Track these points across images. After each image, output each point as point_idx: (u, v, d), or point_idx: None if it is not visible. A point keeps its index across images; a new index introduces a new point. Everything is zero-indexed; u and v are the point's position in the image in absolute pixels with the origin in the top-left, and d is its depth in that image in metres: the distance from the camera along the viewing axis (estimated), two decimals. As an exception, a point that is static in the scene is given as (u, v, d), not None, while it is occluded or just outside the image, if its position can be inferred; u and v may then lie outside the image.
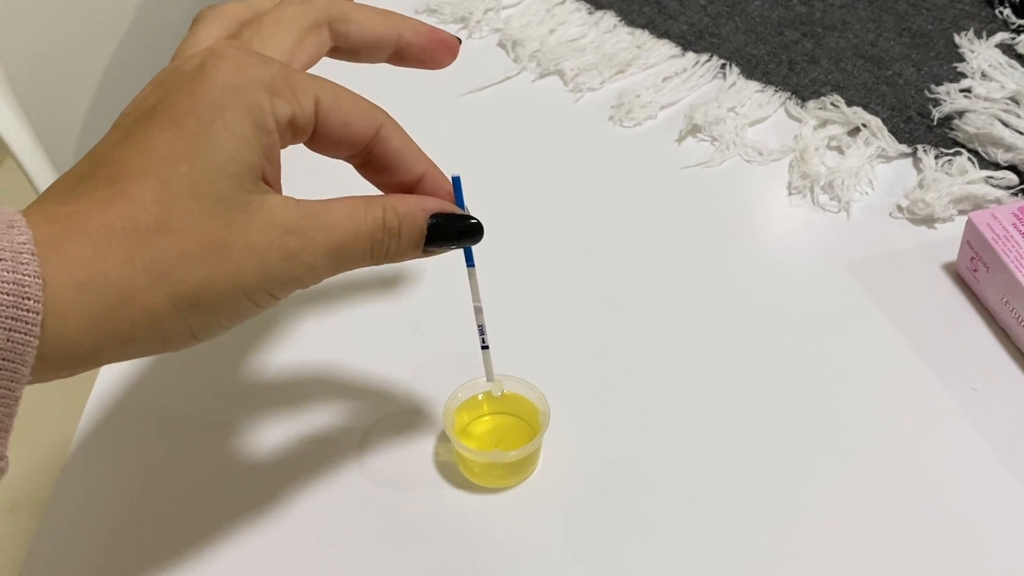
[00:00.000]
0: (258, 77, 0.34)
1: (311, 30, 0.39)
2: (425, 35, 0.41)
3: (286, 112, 0.35)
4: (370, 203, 0.37)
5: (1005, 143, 0.59)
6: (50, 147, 0.80)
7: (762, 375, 0.50)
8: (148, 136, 0.34)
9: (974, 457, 0.46)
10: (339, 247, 0.36)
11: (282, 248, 0.34)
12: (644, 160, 0.63)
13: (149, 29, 0.93)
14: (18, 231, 0.30)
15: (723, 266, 0.56)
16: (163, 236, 0.32)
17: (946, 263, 0.55)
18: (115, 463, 0.48)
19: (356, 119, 0.37)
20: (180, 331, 0.34)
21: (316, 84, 0.36)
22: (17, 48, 0.84)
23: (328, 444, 0.48)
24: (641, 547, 0.43)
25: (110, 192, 0.33)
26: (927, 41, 0.69)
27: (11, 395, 0.30)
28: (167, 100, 0.34)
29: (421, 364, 0.51)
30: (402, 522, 0.45)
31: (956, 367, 0.50)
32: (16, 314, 0.30)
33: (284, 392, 0.50)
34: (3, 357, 0.30)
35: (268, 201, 0.34)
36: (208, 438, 0.48)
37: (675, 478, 0.46)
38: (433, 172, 0.39)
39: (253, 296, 0.35)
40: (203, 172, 0.33)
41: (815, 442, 0.47)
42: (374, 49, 0.41)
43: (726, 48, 0.70)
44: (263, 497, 0.46)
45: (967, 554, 0.42)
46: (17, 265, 0.30)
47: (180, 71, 0.35)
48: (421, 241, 0.38)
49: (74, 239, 0.31)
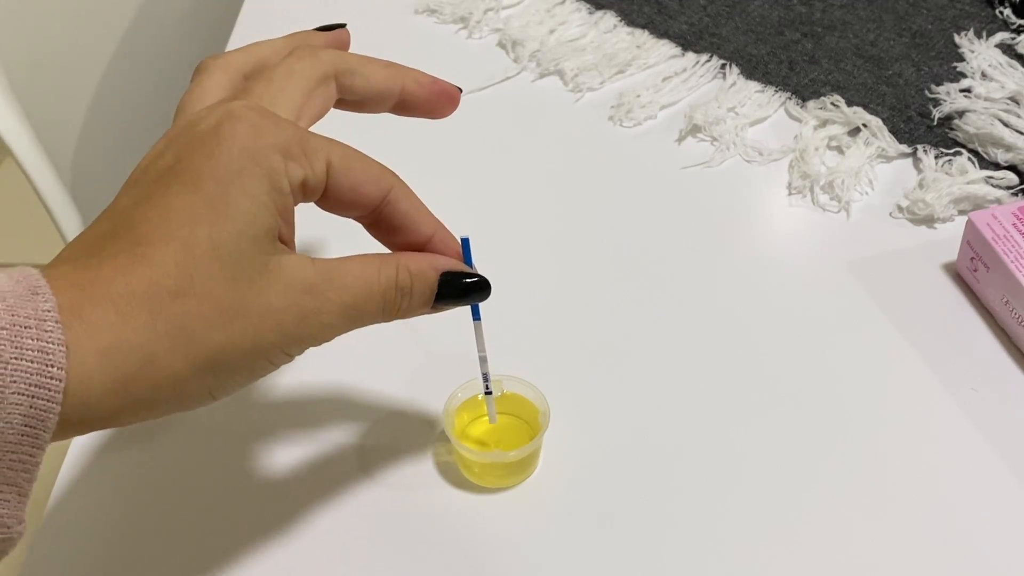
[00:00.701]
0: (274, 141, 0.35)
1: (319, 84, 0.39)
2: (427, 86, 0.42)
3: (299, 175, 0.35)
4: (384, 262, 0.37)
5: (1005, 143, 0.59)
6: (50, 147, 0.80)
7: (762, 375, 0.50)
8: (167, 198, 0.34)
9: (974, 457, 0.46)
10: (353, 306, 0.36)
11: (299, 308, 0.35)
12: (644, 160, 0.63)
13: (149, 29, 0.93)
14: (42, 298, 0.31)
15: (723, 266, 0.56)
16: (185, 301, 0.33)
17: (946, 263, 0.55)
18: (115, 463, 0.48)
19: (366, 182, 0.37)
20: (199, 392, 0.34)
21: (328, 147, 0.36)
22: (17, 48, 0.84)
23: (328, 444, 0.48)
24: (641, 547, 0.43)
25: (132, 257, 0.33)
26: (927, 41, 0.69)
27: (31, 460, 0.31)
28: (184, 161, 0.35)
29: (421, 364, 0.51)
30: (402, 522, 0.45)
31: (956, 367, 0.50)
32: (40, 381, 0.30)
33: (284, 392, 0.50)
34: (26, 423, 0.30)
35: (285, 262, 0.35)
36: (208, 438, 0.48)
37: (675, 478, 0.46)
38: (442, 233, 0.40)
39: (269, 356, 0.35)
40: (223, 235, 0.34)
41: (815, 442, 0.47)
42: (378, 100, 0.42)
43: (726, 48, 0.70)
44: (263, 497, 0.46)
45: (967, 554, 0.42)
46: (41, 333, 0.30)
47: (196, 131, 0.35)
48: (432, 298, 0.39)
49: (97, 305, 0.32)
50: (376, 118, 0.43)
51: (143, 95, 0.95)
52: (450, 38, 0.73)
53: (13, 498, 0.31)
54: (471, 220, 0.58)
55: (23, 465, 0.31)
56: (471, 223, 0.41)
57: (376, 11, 0.76)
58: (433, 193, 0.45)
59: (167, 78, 0.93)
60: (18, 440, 0.30)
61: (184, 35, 0.94)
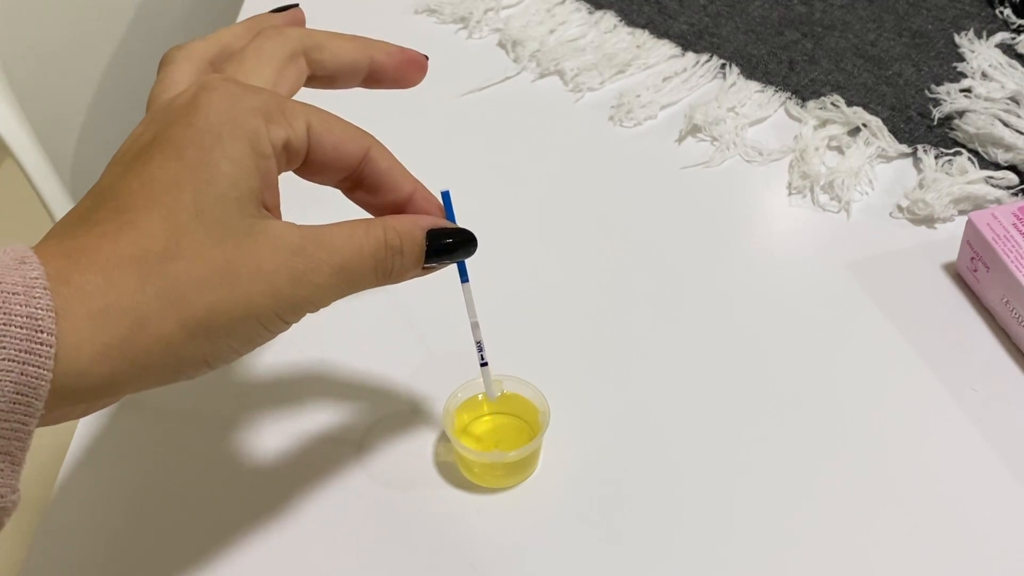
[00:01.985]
0: (252, 105, 0.35)
1: (289, 61, 0.40)
2: (395, 55, 0.42)
3: (281, 136, 0.36)
4: (370, 224, 0.37)
5: (1005, 143, 0.59)
6: (50, 147, 0.80)
7: (762, 375, 0.50)
8: (149, 168, 0.34)
9: (974, 457, 0.46)
10: (344, 267, 0.36)
11: (290, 269, 0.35)
12: (644, 160, 0.63)
13: (149, 29, 0.93)
14: (30, 267, 0.31)
15: (723, 266, 0.56)
16: (173, 263, 0.33)
17: (946, 263, 0.55)
18: (115, 463, 0.48)
19: (347, 141, 0.38)
20: (194, 357, 0.34)
21: (307, 110, 0.37)
22: (17, 48, 0.84)
23: (328, 444, 0.48)
24: (642, 547, 0.43)
25: (118, 223, 0.33)
26: (927, 41, 0.69)
27: (24, 429, 0.31)
28: (164, 133, 0.35)
29: (421, 364, 0.51)
30: (402, 522, 0.45)
31: (956, 367, 0.50)
32: (30, 347, 0.30)
33: (284, 392, 0.50)
34: (17, 391, 0.30)
35: (271, 225, 0.35)
36: (208, 437, 0.48)
37: (675, 478, 0.46)
38: (421, 190, 0.40)
39: (264, 320, 0.35)
40: (207, 199, 0.34)
41: (815, 442, 0.47)
42: (348, 74, 0.42)
43: (726, 48, 0.70)
44: (263, 496, 0.46)
45: (967, 554, 0.43)
46: (30, 300, 0.30)
47: (173, 105, 0.36)
48: (421, 257, 0.39)
49: (85, 271, 0.32)
50: (374, 119, 0.43)
51: (143, 95, 0.94)
52: (450, 38, 0.73)
53: (7, 467, 0.31)
54: (471, 220, 0.58)
55: (15, 434, 0.30)
56: (470, 223, 0.41)
57: (376, 11, 0.76)
58: (433, 193, 0.45)
59: (167, 78, 0.93)
60: (10, 408, 0.30)
61: (184, 35, 0.94)
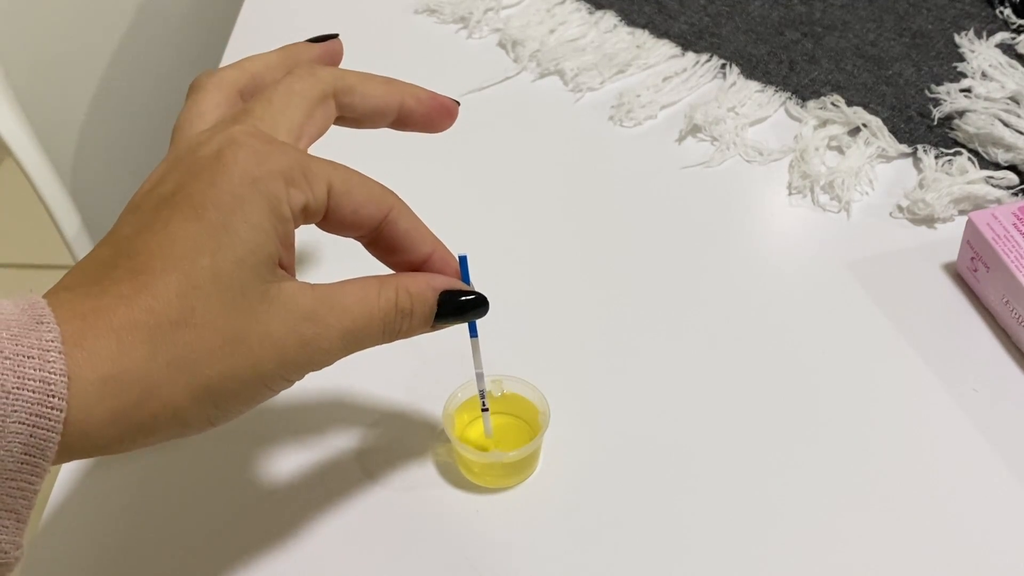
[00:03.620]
0: (275, 167, 0.35)
1: (319, 103, 0.39)
2: (425, 102, 0.42)
3: (300, 201, 0.35)
4: (383, 285, 0.38)
5: (1005, 143, 0.59)
6: (50, 147, 0.80)
7: (762, 375, 0.50)
8: (169, 227, 0.34)
9: (974, 457, 0.46)
10: (353, 330, 0.37)
11: (299, 335, 0.35)
12: (644, 160, 0.63)
13: (149, 29, 0.93)
14: (47, 328, 0.31)
15: (723, 266, 0.56)
16: (186, 331, 0.33)
17: (946, 263, 0.55)
18: (115, 462, 0.48)
19: (367, 204, 0.37)
20: (199, 420, 0.34)
21: (329, 171, 0.37)
22: (17, 48, 0.84)
23: (328, 445, 0.48)
24: (642, 547, 0.43)
25: (134, 286, 0.33)
26: (927, 41, 0.69)
27: (30, 488, 0.31)
28: (186, 188, 0.35)
29: (421, 365, 0.51)
30: (402, 522, 0.45)
31: (956, 367, 0.50)
32: (41, 411, 0.31)
33: (283, 393, 0.50)
34: (26, 452, 0.31)
35: (285, 289, 0.35)
36: (208, 438, 0.48)
37: (675, 478, 0.46)
38: (440, 251, 0.40)
39: (269, 383, 0.35)
40: (224, 265, 0.34)
41: (815, 442, 0.47)
42: (377, 117, 0.41)
43: (726, 48, 0.70)
44: (263, 496, 0.46)
45: (967, 554, 0.42)
46: (44, 363, 0.31)
47: (197, 157, 0.35)
48: (431, 318, 0.39)
49: (99, 335, 0.32)
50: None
51: (143, 95, 0.95)
52: (450, 38, 0.73)
53: (11, 524, 0.31)
54: (471, 220, 0.58)
55: (22, 492, 0.31)
56: (470, 223, 0.41)
57: (376, 11, 0.76)
58: (433, 193, 0.45)
59: (167, 78, 0.93)
60: (17, 468, 0.31)
61: (184, 35, 0.94)
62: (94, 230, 0.83)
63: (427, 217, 0.40)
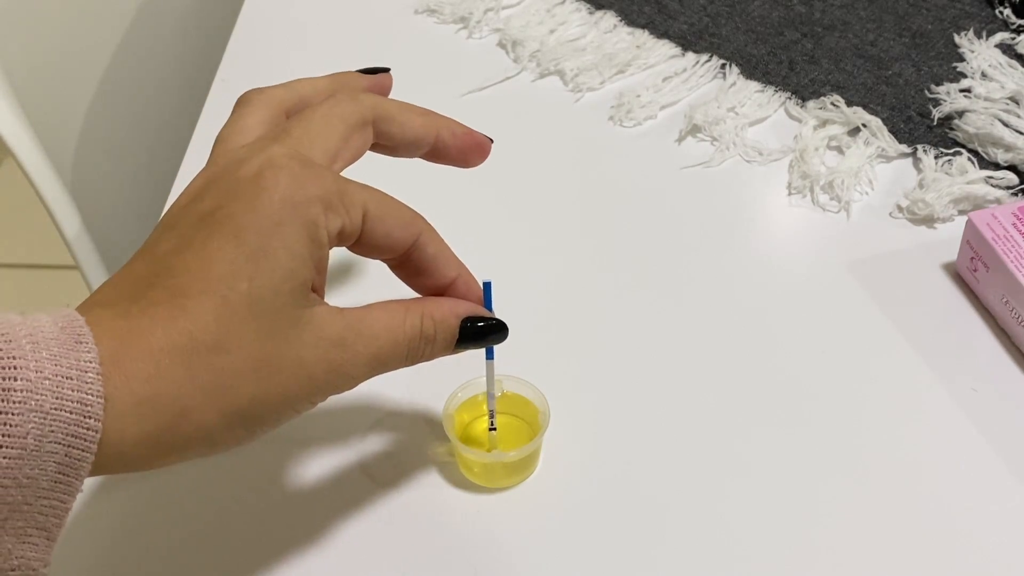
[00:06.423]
0: (314, 192, 0.35)
1: (357, 128, 0.40)
2: (460, 137, 0.42)
3: (337, 226, 0.36)
4: (409, 311, 0.38)
5: (1005, 143, 0.59)
6: (50, 147, 0.80)
7: (761, 375, 0.50)
8: (208, 249, 0.34)
9: (974, 457, 0.46)
10: (379, 356, 0.37)
11: (328, 362, 0.36)
12: (644, 160, 0.63)
13: (149, 29, 0.94)
14: (85, 348, 0.31)
15: (723, 266, 0.56)
16: (221, 356, 0.33)
17: (946, 263, 0.55)
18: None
19: (399, 228, 0.38)
20: (228, 440, 0.35)
21: (365, 196, 0.37)
22: (17, 48, 0.84)
23: (328, 445, 0.48)
24: (642, 547, 0.43)
25: (171, 308, 0.33)
26: (927, 41, 0.69)
27: (63, 507, 0.32)
28: (225, 208, 0.35)
29: (421, 364, 0.51)
30: (402, 522, 0.45)
31: (956, 367, 0.50)
32: (77, 432, 0.31)
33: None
34: (60, 471, 0.31)
35: (317, 314, 0.36)
36: (208, 438, 0.48)
37: (675, 478, 0.46)
38: (465, 275, 0.41)
39: (297, 406, 0.36)
40: (261, 292, 0.34)
41: (815, 442, 0.47)
42: (412, 148, 0.42)
43: (726, 48, 0.70)
44: (263, 496, 0.46)
45: (968, 554, 0.43)
46: (82, 384, 0.31)
47: (236, 177, 0.36)
48: (453, 343, 0.40)
49: (136, 357, 0.32)
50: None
51: (143, 95, 0.95)
52: (450, 38, 0.73)
53: (42, 542, 0.32)
54: (471, 220, 0.58)
55: (54, 511, 0.32)
56: (471, 223, 0.41)
57: (376, 11, 0.76)
58: (432, 194, 0.45)
59: (167, 78, 0.93)
60: (51, 487, 0.31)
61: (184, 35, 0.94)
62: (94, 230, 0.83)
63: (424, 215, 0.40)
